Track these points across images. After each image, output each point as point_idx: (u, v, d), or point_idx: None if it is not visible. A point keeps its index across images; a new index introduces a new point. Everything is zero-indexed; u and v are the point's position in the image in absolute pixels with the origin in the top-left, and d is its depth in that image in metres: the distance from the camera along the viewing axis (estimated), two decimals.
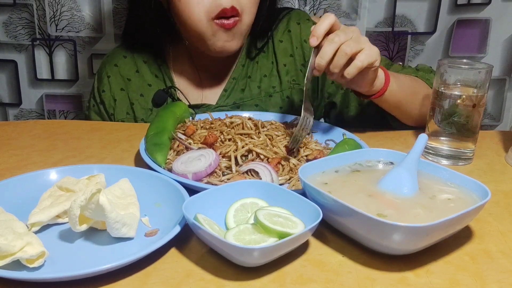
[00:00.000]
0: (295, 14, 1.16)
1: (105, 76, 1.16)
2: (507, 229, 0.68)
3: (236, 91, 1.14)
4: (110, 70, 1.16)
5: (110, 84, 1.15)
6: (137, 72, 1.15)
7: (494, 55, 1.51)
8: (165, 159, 0.81)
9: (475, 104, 0.86)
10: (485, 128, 1.57)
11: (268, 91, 1.14)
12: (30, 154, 0.91)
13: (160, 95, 1.12)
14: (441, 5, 1.47)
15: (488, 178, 0.85)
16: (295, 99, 1.14)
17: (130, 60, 1.16)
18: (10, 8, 1.53)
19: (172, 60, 1.16)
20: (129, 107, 1.15)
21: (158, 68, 1.16)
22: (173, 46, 1.16)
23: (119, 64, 1.16)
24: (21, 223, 0.62)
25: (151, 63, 1.16)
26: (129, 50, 1.17)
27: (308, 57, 1.13)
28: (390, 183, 0.67)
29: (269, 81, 1.15)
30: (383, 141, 0.99)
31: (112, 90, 1.15)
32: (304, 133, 0.83)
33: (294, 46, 1.14)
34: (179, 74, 1.16)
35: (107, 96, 1.15)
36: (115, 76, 1.15)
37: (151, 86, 1.15)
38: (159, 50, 1.15)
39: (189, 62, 1.16)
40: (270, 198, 0.68)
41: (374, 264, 0.59)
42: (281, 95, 1.14)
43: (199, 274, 0.57)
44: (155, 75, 1.16)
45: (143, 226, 0.66)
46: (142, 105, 1.14)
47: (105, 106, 1.16)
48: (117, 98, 1.15)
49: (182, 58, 1.16)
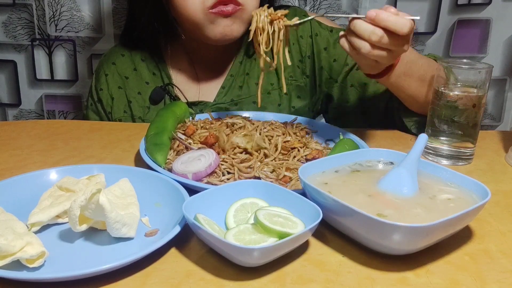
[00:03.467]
0: (292, 11, 1.14)
1: (103, 75, 1.16)
2: (507, 229, 0.68)
3: (234, 88, 1.14)
4: (108, 69, 1.16)
5: (107, 82, 1.15)
6: (134, 70, 1.16)
7: (494, 55, 1.51)
8: (165, 159, 0.81)
9: (475, 104, 0.86)
10: (485, 128, 1.57)
11: (266, 88, 1.14)
12: (30, 154, 0.91)
13: (157, 92, 1.13)
14: (442, 5, 1.47)
15: (488, 178, 0.85)
16: (293, 95, 1.14)
17: (128, 58, 1.16)
18: (10, 8, 1.53)
19: (170, 58, 1.17)
20: (127, 105, 1.15)
21: (156, 65, 1.16)
22: (171, 43, 1.16)
23: (117, 63, 1.16)
24: (21, 223, 0.62)
25: (149, 61, 1.16)
26: (127, 48, 1.17)
27: (305, 53, 1.13)
28: (390, 183, 0.67)
29: (267, 78, 1.14)
30: (383, 141, 0.99)
31: (110, 88, 1.15)
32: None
33: (291, 42, 1.14)
34: (177, 71, 1.16)
35: (104, 94, 1.16)
36: (113, 74, 1.16)
37: (149, 84, 1.15)
38: (157, 48, 1.15)
39: (187, 60, 1.16)
40: (270, 198, 0.68)
41: (374, 264, 0.59)
42: (279, 92, 1.14)
43: (199, 274, 0.57)
44: (153, 73, 1.16)
45: (143, 226, 0.66)
46: (140, 103, 1.14)
47: (103, 105, 1.16)
48: (115, 97, 1.15)
49: (180, 55, 1.16)
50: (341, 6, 1.50)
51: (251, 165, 0.79)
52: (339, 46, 1.08)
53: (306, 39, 1.14)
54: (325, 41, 1.13)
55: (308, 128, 0.96)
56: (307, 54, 1.14)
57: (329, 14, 0.85)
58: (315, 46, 1.13)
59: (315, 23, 1.14)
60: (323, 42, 1.13)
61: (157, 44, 1.15)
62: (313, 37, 1.13)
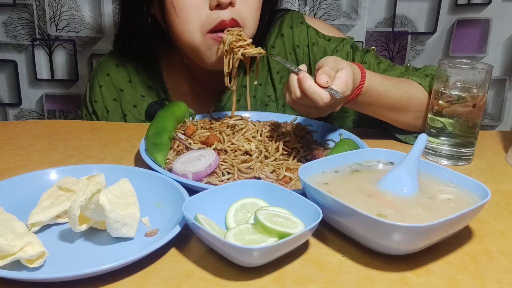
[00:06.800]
0: (288, 17, 1.12)
1: (97, 86, 1.13)
2: (507, 229, 0.68)
3: (231, 102, 1.08)
4: (102, 80, 1.13)
5: (102, 94, 1.12)
6: (129, 82, 1.12)
7: (494, 55, 1.51)
8: (165, 159, 0.81)
9: (475, 104, 0.86)
10: (485, 128, 1.57)
11: (264, 100, 1.12)
12: (30, 154, 0.91)
13: (153, 107, 1.09)
14: (442, 5, 1.47)
15: (488, 178, 0.85)
16: (289, 107, 1.11)
17: (122, 69, 1.13)
18: (10, 8, 1.54)
19: (166, 70, 1.13)
20: (122, 118, 1.12)
21: (151, 78, 1.12)
22: (166, 54, 1.12)
23: (111, 74, 1.12)
24: (21, 223, 0.62)
25: (144, 72, 1.12)
26: (121, 58, 1.13)
27: (301, 62, 1.10)
28: (390, 183, 0.67)
29: (264, 89, 1.12)
30: (383, 141, 0.99)
31: (105, 100, 1.12)
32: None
33: (287, 52, 1.11)
34: (173, 84, 1.13)
35: (99, 106, 1.13)
36: (107, 86, 1.12)
37: (144, 97, 1.12)
38: (152, 59, 1.12)
39: (183, 72, 1.12)
40: (270, 198, 0.68)
41: (374, 264, 0.59)
42: (276, 104, 1.12)
43: (199, 274, 0.57)
44: (148, 86, 1.12)
45: (143, 226, 0.66)
46: (135, 116, 1.12)
47: (98, 117, 1.13)
48: (110, 109, 1.12)
49: (176, 67, 1.13)
50: (341, 6, 1.50)
51: (251, 166, 0.79)
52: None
53: (303, 48, 1.10)
54: (322, 51, 1.09)
55: (308, 128, 0.96)
56: (304, 64, 1.09)
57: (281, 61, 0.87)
58: (312, 56, 1.10)
59: (313, 31, 1.10)
60: (320, 52, 1.09)
61: (152, 55, 1.11)
62: (310, 46, 1.10)
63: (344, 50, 1.08)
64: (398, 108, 0.94)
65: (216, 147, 0.83)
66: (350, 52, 1.08)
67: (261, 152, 0.82)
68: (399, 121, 0.97)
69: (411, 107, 0.94)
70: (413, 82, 0.96)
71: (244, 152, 0.82)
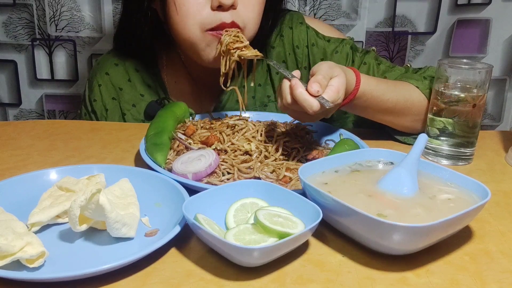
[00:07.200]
0: (288, 18, 1.11)
1: (96, 85, 1.12)
2: (507, 229, 0.68)
3: (231, 101, 1.11)
4: (101, 79, 1.12)
5: (101, 93, 1.12)
6: (129, 81, 1.12)
7: (494, 55, 1.51)
8: (165, 159, 0.81)
9: (475, 104, 0.86)
10: (485, 128, 1.57)
11: (263, 101, 1.12)
12: (30, 154, 0.91)
13: (153, 106, 1.08)
14: (442, 5, 1.47)
15: (488, 178, 0.85)
16: None
17: (122, 68, 1.12)
18: (10, 8, 1.53)
19: (165, 69, 1.13)
20: (121, 117, 1.12)
21: (151, 77, 1.12)
22: (166, 53, 1.12)
23: (110, 73, 1.12)
24: (21, 223, 0.62)
25: (143, 71, 1.12)
26: (121, 57, 1.13)
27: (301, 63, 1.10)
28: (390, 183, 0.67)
29: (263, 90, 1.12)
30: (383, 141, 0.99)
31: (104, 99, 1.12)
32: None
33: (287, 52, 1.10)
34: (173, 83, 1.13)
35: (98, 105, 1.12)
36: (106, 85, 1.12)
37: (143, 96, 1.12)
38: (151, 57, 1.11)
39: (183, 71, 1.12)
40: (270, 198, 0.68)
41: (374, 264, 0.59)
42: (275, 105, 1.11)
43: (199, 274, 0.57)
44: (148, 85, 1.12)
45: (143, 226, 0.66)
46: (134, 115, 1.12)
47: (97, 116, 1.13)
48: (109, 108, 1.12)
49: (176, 66, 1.12)
50: (341, 6, 1.50)
51: (251, 166, 0.79)
52: (336, 58, 1.08)
53: (302, 49, 1.10)
54: (321, 52, 1.09)
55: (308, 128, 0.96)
56: (303, 65, 1.10)
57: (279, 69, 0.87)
58: (311, 56, 1.10)
59: (312, 32, 1.10)
60: (319, 53, 1.09)
61: (152, 54, 1.11)
62: (309, 47, 1.10)
63: (344, 51, 1.08)
64: (394, 111, 0.94)
65: (216, 147, 0.83)
66: (350, 53, 1.08)
67: (261, 152, 0.82)
68: (396, 124, 0.97)
69: (408, 110, 0.94)
70: (410, 85, 0.96)
71: (244, 152, 0.82)
